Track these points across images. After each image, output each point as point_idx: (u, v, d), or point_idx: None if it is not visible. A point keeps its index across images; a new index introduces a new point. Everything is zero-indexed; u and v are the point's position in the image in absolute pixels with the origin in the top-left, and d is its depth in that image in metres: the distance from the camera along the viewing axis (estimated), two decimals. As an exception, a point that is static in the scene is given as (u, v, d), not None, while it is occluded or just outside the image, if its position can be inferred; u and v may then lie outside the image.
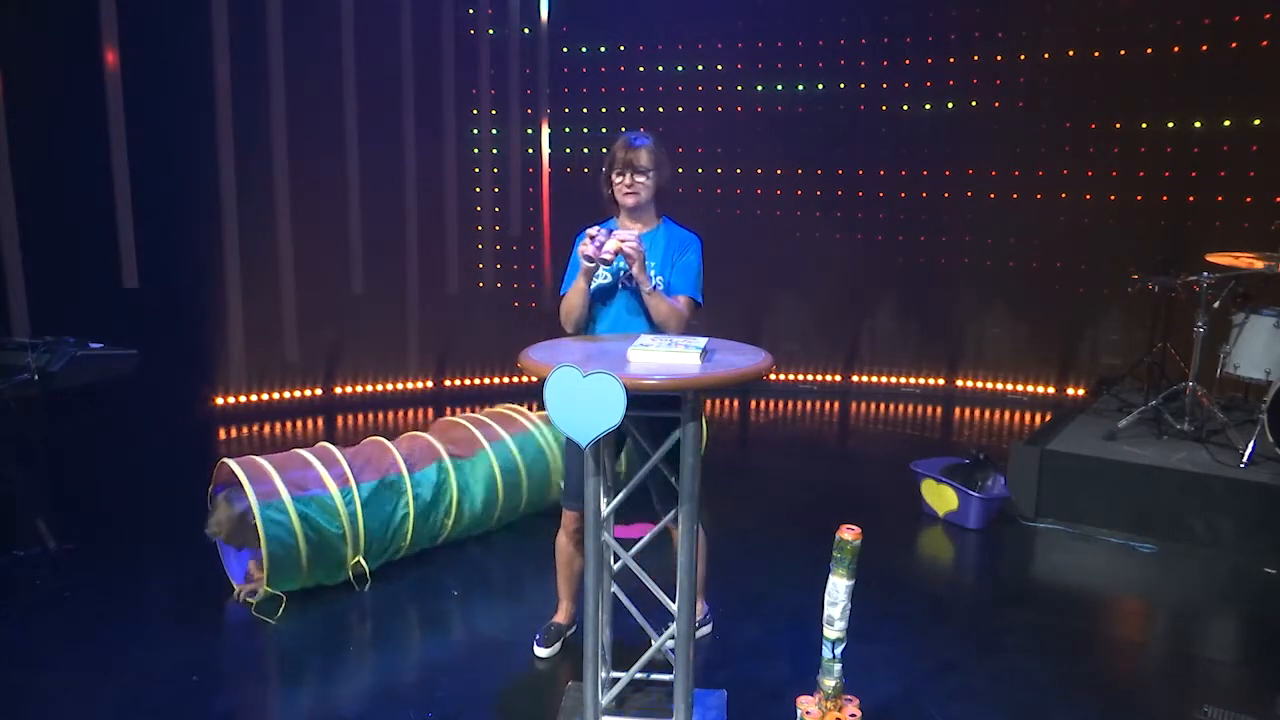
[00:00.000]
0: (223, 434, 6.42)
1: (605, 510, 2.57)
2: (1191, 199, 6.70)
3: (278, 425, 6.59)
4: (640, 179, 2.99)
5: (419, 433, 4.43)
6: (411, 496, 4.00)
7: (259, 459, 3.79)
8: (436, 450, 4.22)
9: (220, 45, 6.36)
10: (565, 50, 7.60)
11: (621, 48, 7.56)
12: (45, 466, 4.24)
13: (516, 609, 3.87)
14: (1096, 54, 6.86)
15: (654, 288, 2.95)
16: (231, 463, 3.71)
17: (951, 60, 7.19)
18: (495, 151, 7.60)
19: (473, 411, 4.82)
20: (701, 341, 2.59)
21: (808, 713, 2.75)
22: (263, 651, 3.48)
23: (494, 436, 4.48)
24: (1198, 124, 6.66)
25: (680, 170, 7.43)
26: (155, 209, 6.18)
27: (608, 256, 2.86)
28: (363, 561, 3.84)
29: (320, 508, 3.71)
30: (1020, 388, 7.54)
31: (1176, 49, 6.60)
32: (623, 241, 2.83)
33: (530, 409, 4.89)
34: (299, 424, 6.65)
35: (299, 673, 3.36)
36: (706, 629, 3.50)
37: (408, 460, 4.09)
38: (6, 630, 3.49)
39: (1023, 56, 7.09)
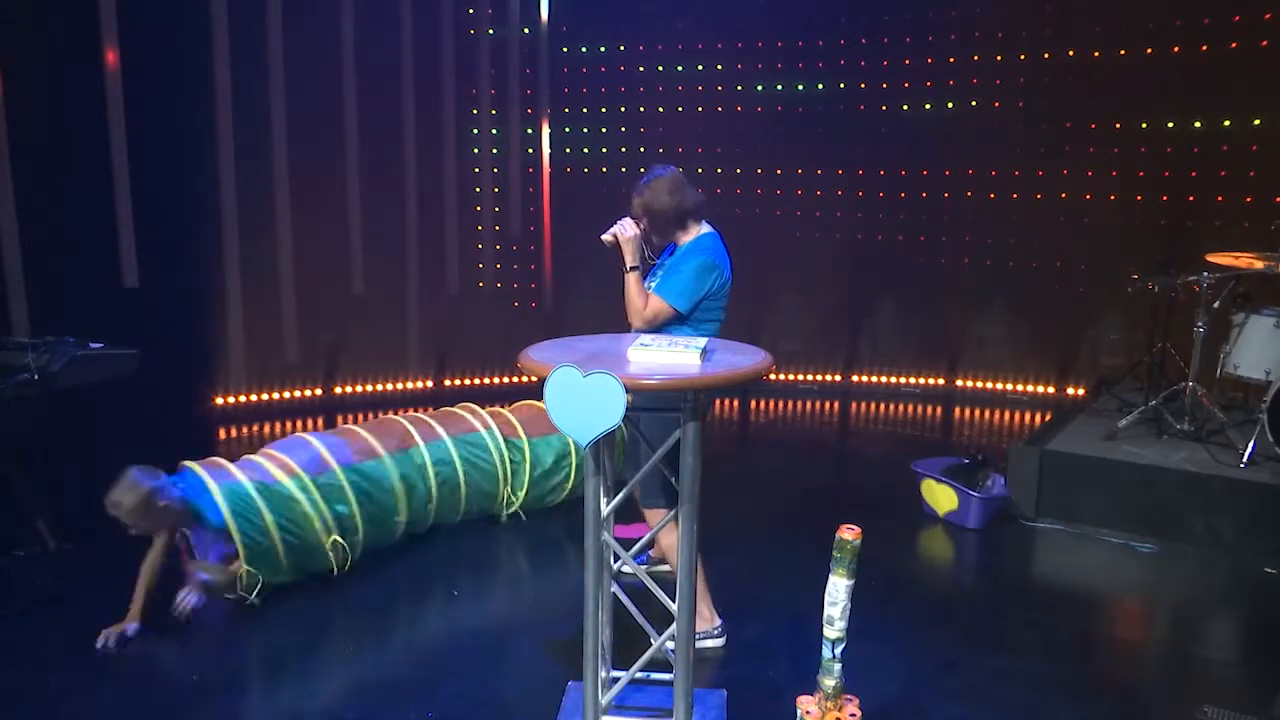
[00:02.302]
0: (223, 434, 6.42)
1: (605, 510, 2.58)
2: (1191, 199, 6.69)
3: (278, 425, 6.57)
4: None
5: (352, 427, 4.44)
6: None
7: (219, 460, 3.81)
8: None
9: (220, 45, 6.35)
10: (565, 50, 7.59)
11: (621, 48, 7.55)
12: (45, 466, 4.23)
13: (516, 608, 3.88)
14: (1096, 54, 6.85)
15: (631, 269, 3.14)
16: (193, 465, 3.71)
17: (951, 60, 7.18)
18: (495, 151, 7.59)
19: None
20: (701, 341, 2.60)
21: (808, 713, 2.75)
22: (263, 651, 3.48)
23: (431, 435, 4.45)
24: (1198, 124, 6.65)
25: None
26: (155, 209, 6.17)
27: (608, 238, 3.18)
28: (339, 539, 3.81)
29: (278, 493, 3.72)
30: (1020, 388, 7.53)
31: (1176, 49, 6.59)
32: (617, 228, 3.16)
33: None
34: (299, 424, 6.63)
35: (299, 672, 3.36)
36: (719, 641, 3.41)
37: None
38: (6, 630, 3.50)
39: (1023, 56, 7.09)
